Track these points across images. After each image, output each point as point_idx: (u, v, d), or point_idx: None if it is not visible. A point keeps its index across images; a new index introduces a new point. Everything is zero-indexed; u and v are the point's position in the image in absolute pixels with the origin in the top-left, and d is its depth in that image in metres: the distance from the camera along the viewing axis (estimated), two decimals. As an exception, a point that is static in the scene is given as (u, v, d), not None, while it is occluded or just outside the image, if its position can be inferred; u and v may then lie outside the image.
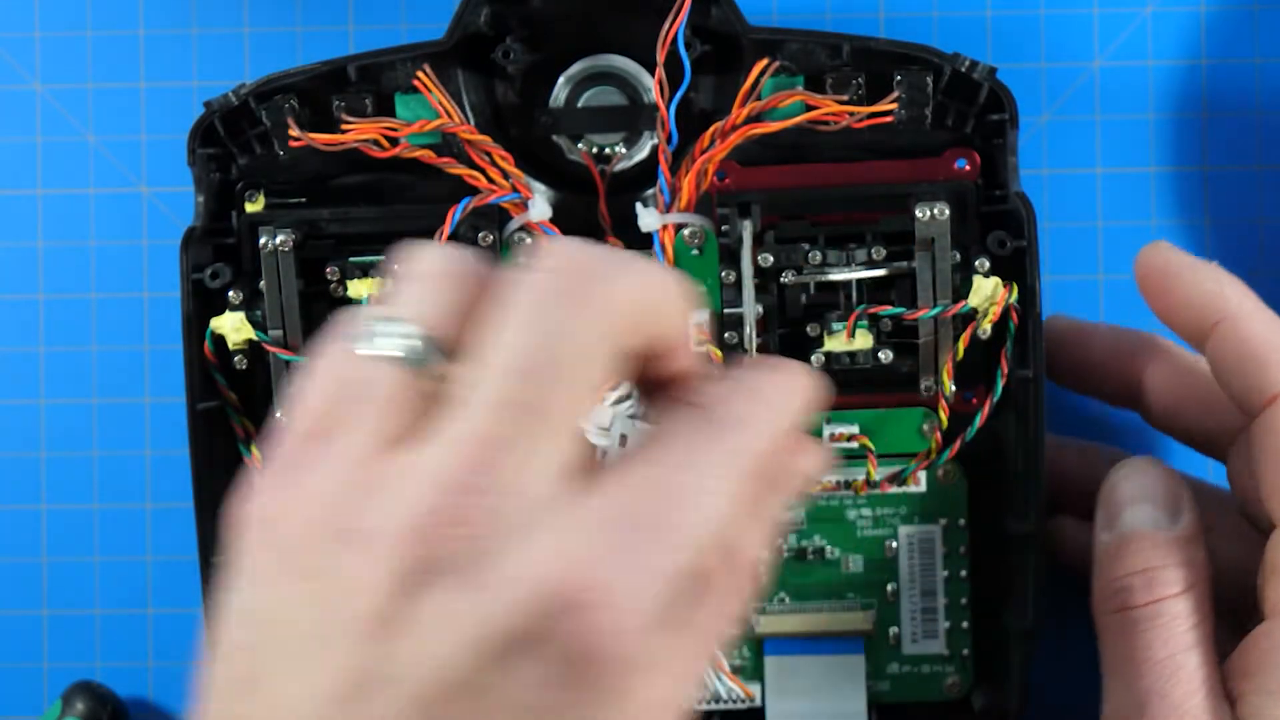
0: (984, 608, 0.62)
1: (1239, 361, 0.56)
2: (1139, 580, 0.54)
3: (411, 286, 0.44)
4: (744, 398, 0.45)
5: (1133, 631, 0.54)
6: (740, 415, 0.45)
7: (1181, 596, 0.54)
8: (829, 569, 0.63)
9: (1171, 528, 0.55)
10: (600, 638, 0.40)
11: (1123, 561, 0.55)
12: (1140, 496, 0.56)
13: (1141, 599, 0.54)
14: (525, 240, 0.60)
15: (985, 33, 0.70)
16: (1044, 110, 0.69)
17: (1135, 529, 0.55)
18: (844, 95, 0.59)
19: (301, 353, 0.60)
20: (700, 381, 0.47)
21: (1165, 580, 0.54)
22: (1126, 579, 0.54)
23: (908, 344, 0.60)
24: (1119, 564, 0.55)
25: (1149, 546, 0.55)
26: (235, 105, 0.60)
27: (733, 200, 0.60)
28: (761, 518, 0.46)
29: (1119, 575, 0.55)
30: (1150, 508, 0.56)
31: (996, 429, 0.61)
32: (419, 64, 0.60)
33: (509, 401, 0.41)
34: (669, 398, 0.47)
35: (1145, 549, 0.55)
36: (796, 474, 0.47)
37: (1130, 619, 0.54)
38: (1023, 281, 0.59)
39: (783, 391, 0.46)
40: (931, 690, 0.63)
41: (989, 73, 0.58)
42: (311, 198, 0.61)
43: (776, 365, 0.47)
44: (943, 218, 0.58)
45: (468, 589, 0.40)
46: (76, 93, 0.69)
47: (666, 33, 0.59)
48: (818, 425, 0.62)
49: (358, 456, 0.42)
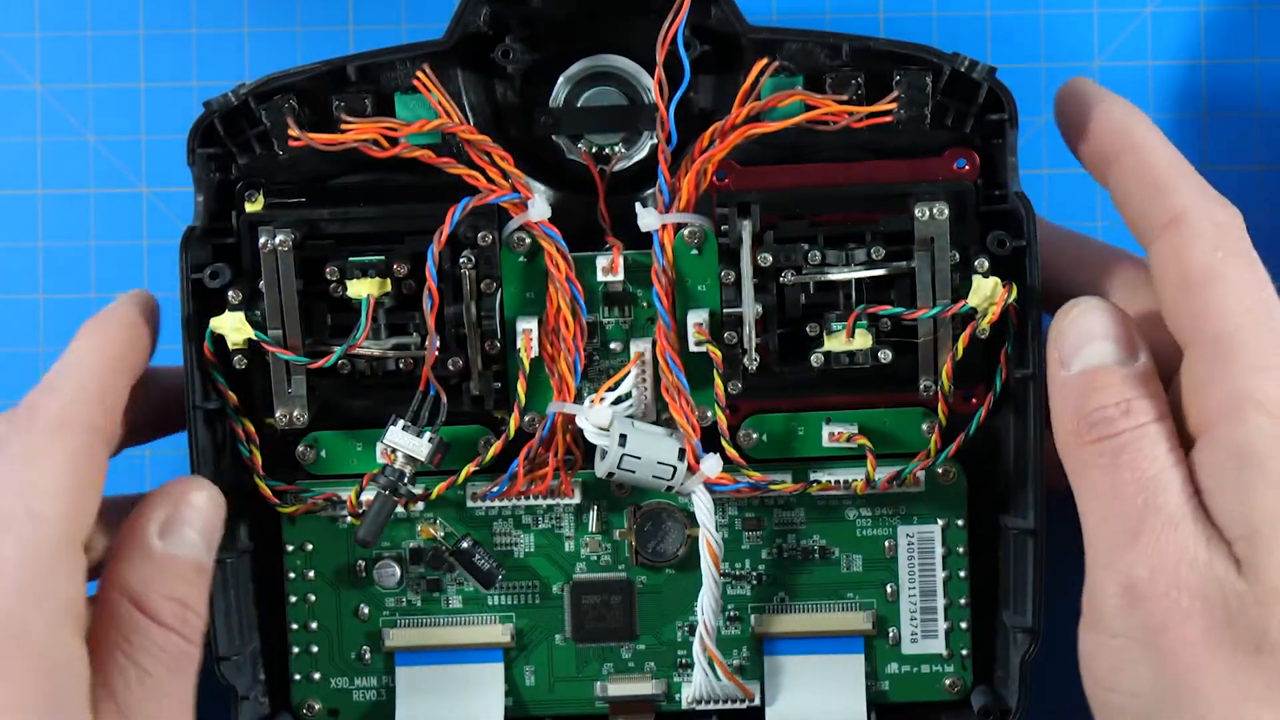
0: (983, 607, 0.63)
1: (1140, 188, 0.57)
2: (1116, 410, 0.55)
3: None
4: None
5: (1116, 457, 0.54)
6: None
7: (1157, 422, 0.55)
8: (828, 569, 0.63)
9: (1133, 364, 0.56)
10: None
11: (1095, 395, 0.55)
12: (1100, 334, 0.56)
13: (1122, 426, 0.55)
14: (525, 240, 0.60)
15: (985, 33, 0.70)
16: (1044, 110, 0.69)
17: (1102, 364, 0.56)
18: (843, 95, 0.59)
19: (301, 352, 0.60)
20: None
21: (1141, 409, 0.55)
22: (1102, 410, 0.55)
23: (907, 343, 0.60)
24: (1091, 397, 0.55)
25: (1119, 380, 0.55)
26: (235, 105, 0.59)
27: (732, 200, 0.60)
28: None
29: (1094, 408, 0.55)
30: (1112, 345, 0.56)
31: (995, 428, 0.61)
32: (419, 64, 0.60)
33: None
34: None
35: (1115, 383, 0.55)
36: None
37: (1113, 446, 0.55)
38: (1022, 281, 0.59)
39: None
40: (931, 690, 0.63)
41: (988, 72, 0.58)
42: (311, 197, 0.61)
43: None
44: (942, 217, 0.58)
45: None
46: (76, 93, 0.69)
47: (666, 33, 0.59)
48: (817, 426, 0.62)
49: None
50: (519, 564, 0.63)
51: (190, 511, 0.57)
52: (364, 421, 0.62)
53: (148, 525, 0.57)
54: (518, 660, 0.64)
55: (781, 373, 0.60)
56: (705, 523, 0.60)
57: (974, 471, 0.62)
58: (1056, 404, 0.56)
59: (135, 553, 0.56)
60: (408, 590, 0.63)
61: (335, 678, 0.64)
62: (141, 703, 0.54)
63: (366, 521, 0.60)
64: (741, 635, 0.63)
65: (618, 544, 0.63)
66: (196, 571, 0.57)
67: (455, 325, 0.60)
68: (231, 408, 0.61)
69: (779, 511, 0.63)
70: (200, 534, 0.57)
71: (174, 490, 0.58)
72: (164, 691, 0.55)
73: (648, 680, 0.64)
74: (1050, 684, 0.67)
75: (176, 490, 0.58)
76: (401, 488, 0.60)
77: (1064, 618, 0.58)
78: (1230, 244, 0.56)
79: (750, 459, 0.62)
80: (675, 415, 0.60)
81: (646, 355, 0.61)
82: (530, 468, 0.61)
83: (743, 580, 0.63)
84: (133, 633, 0.55)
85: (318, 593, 0.64)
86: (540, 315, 0.61)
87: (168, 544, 0.56)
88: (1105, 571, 0.54)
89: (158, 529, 0.57)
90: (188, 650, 0.56)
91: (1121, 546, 0.54)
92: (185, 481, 0.58)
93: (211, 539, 0.58)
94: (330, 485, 0.62)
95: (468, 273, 0.60)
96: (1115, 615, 0.54)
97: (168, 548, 0.56)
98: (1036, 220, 0.59)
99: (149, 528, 0.57)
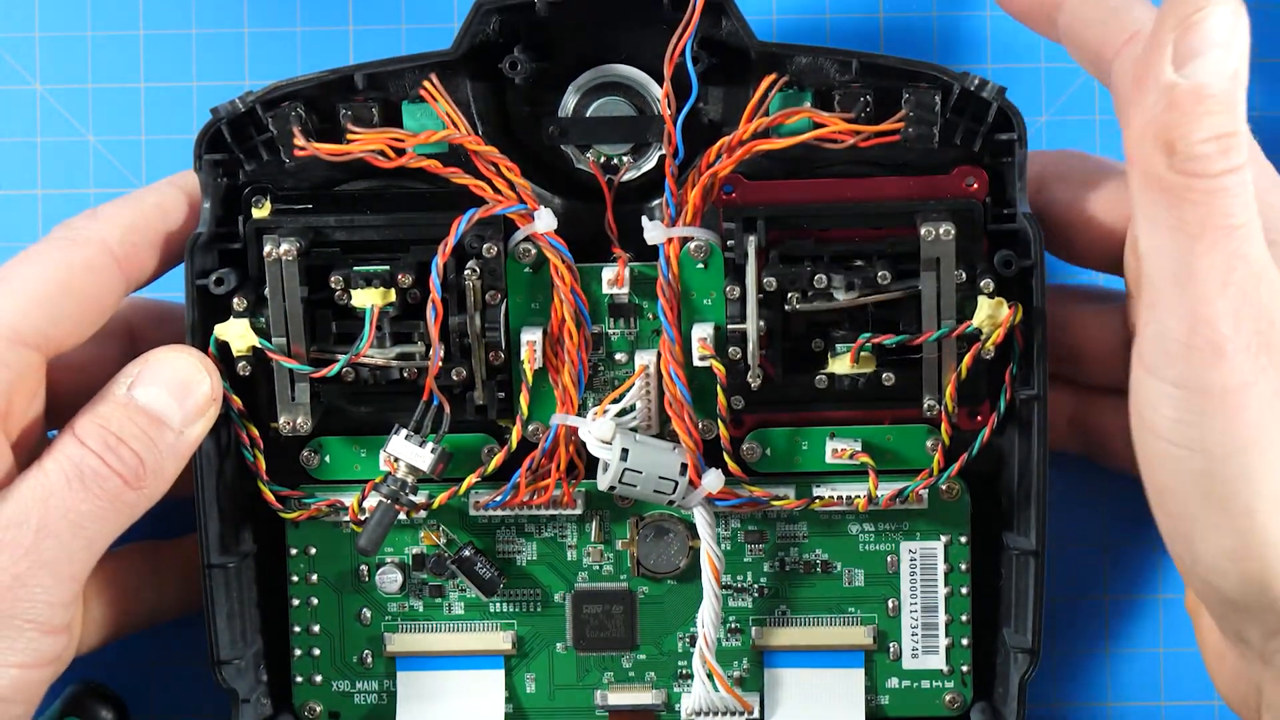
0: (984, 624, 0.63)
1: (1095, 12, 0.57)
2: (1217, 146, 0.51)
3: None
4: None
5: (1212, 196, 0.51)
6: None
7: (1246, 167, 0.52)
8: (830, 583, 0.63)
9: (1240, 88, 0.52)
10: None
11: (1207, 119, 0.51)
12: (1225, 41, 0.51)
13: (1223, 166, 0.51)
14: (530, 251, 0.60)
15: (985, 34, 0.69)
16: (1044, 111, 0.69)
17: (1221, 80, 0.51)
18: (851, 112, 0.59)
19: (305, 359, 0.60)
20: None
21: (1238, 148, 0.52)
22: (1206, 142, 0.51)
23: (911, 360, 0.60)
24: (1201, 121, 0.51)
25: (1229, 108, 0.51)
26: (242, 112, 0.59)
27: (738, 215, 0.60)
28: None
29: (1203, 137, 0.51)
30: (1234, 60, 0.51)
31: (999, 447, 0.61)
32: (426, 73, 0.60)
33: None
34: None
35: (1230, 109, 0.51)
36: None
37: (1211, 185, 0.51)
38: (1028, 302, 0.58)
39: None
40: (931, 705, 0.63)
41: (998, 92, 0.58)
42: (317, 204, 0.61)
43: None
44: (948, 238, 0.58)
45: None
46: (76, 93, 0.69)
47: (675, 45, 0.59)
48: (820, 441, 0.62)
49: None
50: (521, 572, 0.63)
51: (161, 369, 0.58)
52: (368, 428, 0.62)
53: (119, 377, 0.58)
54: (518, 668, 0.64)
55: (785, 388, 0.60)
56: (706, 538, 0.60)
57: (977, 488, 0.62)
58: (1150, 106, 0.52)
59: (100, 397, 0.58)
60: (410, 596, 0.64)
61: (337, 681, 0.64)
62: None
63: (368, 531, 0.60)
64: (742, 647, 0.63)
65: (620, 554, 0.63)
66: (152, 423, 0.57)
67: (459, 335, 0.60)
68: (236, 413, 0.61)
69: (781, 525, 0.63)
70: (169, 392, 0.58)
71: (153, 353, 0.59)
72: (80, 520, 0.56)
73: (648, 690, 0.64)
74: (1048, 701, 0.67)
75: (155, 353, 0.59)
76: (403, 497, 0.60)
77: (1062, 635, 0.59)
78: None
79: (753, 473, 0.62)
80: (678, 429, 0.60)
81: (651, 368, 0.61)
82: (533, 478, 0.61)
83: (744, 593, 0.63)
84: (71, 462, 0.56)
85: (320, 596, 0.64)
86: (545, 326, 0.61)
87: (133, 391, 0.57)
88: (1184, 308, 0.52)
89: (129, 381, 0.58)
90: (122, 492, 0.57)
91: (1202, 291, 0.51)
92: (168, 347, 0.59)
93: (184, 401, 0.58)
94: (333, 491, 0.62)
95: (473, 283, 0.60)
96: (1190, 364, 0.52)
97: (131, 393, 0.57)
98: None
99: (119, 379, 0.58)
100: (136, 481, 0.57)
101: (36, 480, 0.56)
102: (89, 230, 0.59)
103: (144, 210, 0.60)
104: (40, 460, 0.57)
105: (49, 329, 0.58)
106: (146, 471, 0.57)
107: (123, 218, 0.60)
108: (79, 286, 0.58)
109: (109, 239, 0.59)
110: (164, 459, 0.57)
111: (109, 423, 0.57)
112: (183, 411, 0.58)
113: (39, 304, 0.57)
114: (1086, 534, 0.68)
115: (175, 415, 0.58)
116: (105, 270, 0.59)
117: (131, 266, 0.59)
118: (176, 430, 0.58)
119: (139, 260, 0.60)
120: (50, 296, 0.57)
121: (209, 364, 0.59)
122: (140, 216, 0.60)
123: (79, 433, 0.57)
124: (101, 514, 0.56)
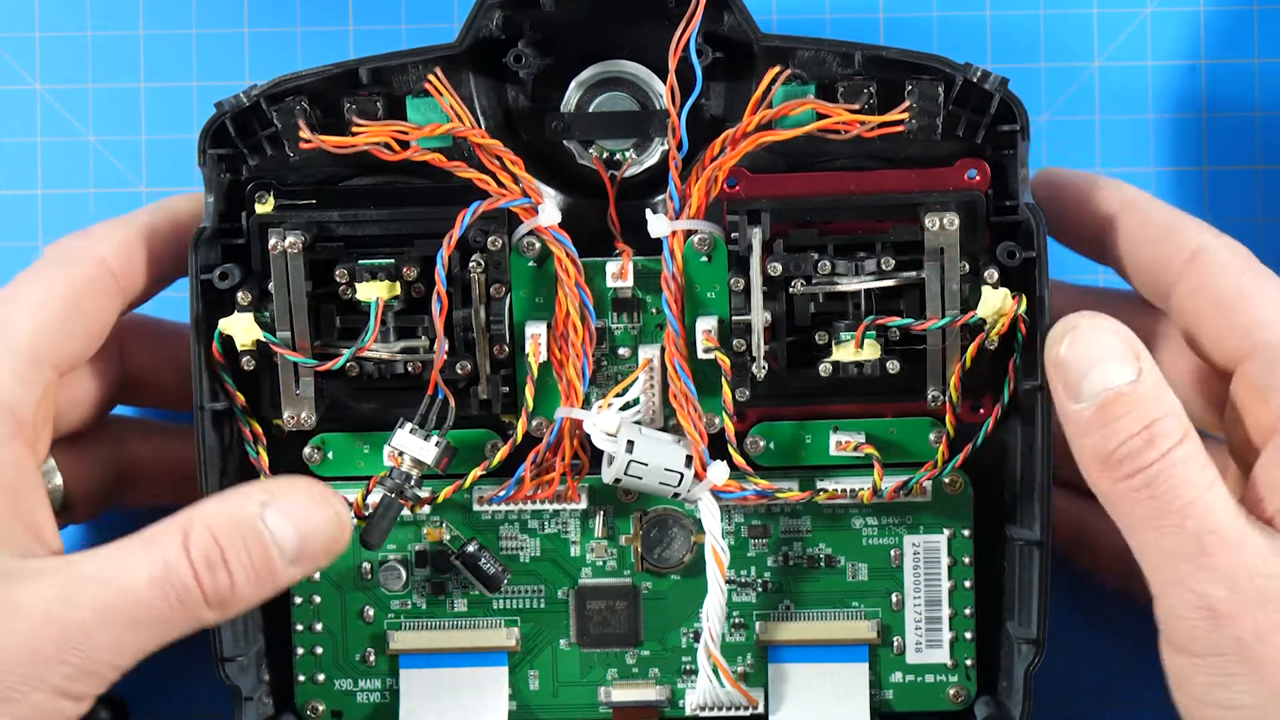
0: (988, 617, 0.63)
1: (1149, 237, 0.58)
2: (1139, 441, 0.53)
3: None
4: None
5: (1154, 489, 0.53)
6: None
7: (1185, 440, 0.53)
8: (834, 577, 0.63)
9: (1140, 378, 0.54)
10: None
11: (1115, 427, 0.53)
12: (1103, 355, 0.54)
13: (1151, 457, 0.53)
14: (535, 244, 0.60)
15: (985, 33, 0.70)
16: (1044, 110, 0.69)
17: (1109, 390, 0.54)
18: (855, 104, 0.59)
19: (309, 354, 0.60)
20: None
21: (1165, 431, 0.53)
22: (1126, 444, 0.53)
23: (915, 353, 0.60)
24: (1112, 431, 0.53)
25: (1136, 404, 0.54)
26: (246, 106, 0.59)
27: (742, 207, 0.60)
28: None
29: (1117, 444, 0.53)
30: (1118, 365, 0.54)
31: (1003, 439, 0.61)
32: (430, 67, 0.60)
33: None
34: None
35: (1133, 408, 0.53)
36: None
37: (1147, 478, 0.53)
38: (1031, 293, 0.59)
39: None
40: (935, 699, 0.63)
41: (1001, 83, 0.58)
42: (321, 199, 0.61)
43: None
44: (952, 228, 0.58)
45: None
46: (76, 93, 0.69)
47: (679, 39, 0.59)
48: (825, 434, 0.62)
49: None
50: (525, 568, 0.63)
51: (305, 509, 0.56)
52: (371, 424, 0.62)
53: (254, 489, 0.56)
54: (522, 664, 0.64)
55: (789, 381, 0.60)
56: (712, 530, 0.60)
57: (980, 482, 0.62)
58: (1075, 439, 0.55)
59: (224, 499, 0.55)
60: (413, 593, 0.63)
61: (339, 679, 0.64)
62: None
63: (371, 524, 0.60)
64: (746, 642, 0.63)
65: (623, 549, 0.63)
66: (265, 556, 0.55)
67: (464, 329, 0.60)
68: (239, 408, 0.61)
69: (785, 519, 0.63)
70: (297, 532, 0.55)
71: (302, 482, 0.57)
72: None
73: (652, 686, 0.64)
74: (1053, 694, 0.67)
75: (304, 484, 0.56)
76: (408, 491, 0.60)
77: (1065, 628, 0.59)
78: (1253, 266, 0.57)
79: (757, 466, 0.62)
80: (683, 422, 0.60)
81: (655, 361, 0.61)
82: (537, 472, 0.61)
83: (748, 587, 0.63)
84: (166, 565, 0.54)
85: (323, 594, 0.63)
86: (549, 320, 0.61)
87: (265, 513, 0.55)
88: (1177, 591, 0.54)
89: (264, 499, 0.55)
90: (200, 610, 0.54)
91: (1187, 569, 0.53)
92: (320, 488, 0.57)
93: (305, 544, 0.55)
94: (337, 487, 0.62)
95: (477, 277, 0.60)
96: (1201, 635, 0.53)
97: (262, 516, 0.55)
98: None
99: (254, 491, 0.55)
100: (220, 605, 0.54)
101: (121, 561, 0.54)
102: (88, 249, 0.59)
103: (137, 229, 0.60)
104: (136, 541, 0.54)
105: (62, 347, 0.58)
106: (234, 598, 0.54)
107: (117, 237, 0.60)
108: (85, 305, 0.58)
109: (107, 257, 0.59)
110: (256, 592, 0.55)
111: (222, 537, 0.54)
112: (298, 556, 0.55)
113: (52, 323, 0.57)
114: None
115: (290, 555, 0.55)
116: (107, 288, 0.59)
117: (128, 285, 0.60)
118: (282, 569, 0.55)
119: (134, 279, 0.60)
120: (60, 315, 0.58)
121: (347, 519, 0.57)
122: (134, 235, 0.60)
123: (189, 538, 0.54)
124: (168, 619, 0.54)
